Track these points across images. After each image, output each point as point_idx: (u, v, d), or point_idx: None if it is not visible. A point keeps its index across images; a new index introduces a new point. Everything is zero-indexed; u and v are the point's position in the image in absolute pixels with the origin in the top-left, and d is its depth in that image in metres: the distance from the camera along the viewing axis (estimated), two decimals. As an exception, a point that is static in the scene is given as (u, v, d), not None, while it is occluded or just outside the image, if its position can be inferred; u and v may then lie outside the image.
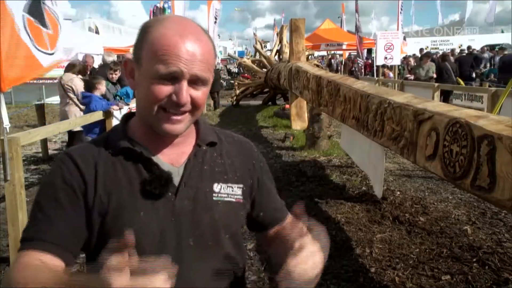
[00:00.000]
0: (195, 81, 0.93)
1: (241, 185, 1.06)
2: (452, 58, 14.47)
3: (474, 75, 14.39)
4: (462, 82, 12.08)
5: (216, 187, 1.02)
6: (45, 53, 3.51)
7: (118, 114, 5.49)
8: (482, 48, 18.76)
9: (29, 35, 3.33)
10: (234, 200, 1.04)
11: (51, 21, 3.68)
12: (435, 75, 11.87)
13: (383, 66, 15.76)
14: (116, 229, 0.92)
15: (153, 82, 0.91)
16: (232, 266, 1.04)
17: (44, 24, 3.56)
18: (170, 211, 0.96)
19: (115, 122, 5.41)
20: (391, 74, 15.46)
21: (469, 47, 18.71)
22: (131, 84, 1.01)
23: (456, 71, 12.68)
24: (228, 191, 1.03)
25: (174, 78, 0.91)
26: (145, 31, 0.95)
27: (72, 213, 0.93)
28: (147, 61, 0.92)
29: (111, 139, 1.01)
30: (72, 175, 0.95)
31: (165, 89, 0.92)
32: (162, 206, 0.96)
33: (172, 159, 1.01)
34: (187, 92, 0.92)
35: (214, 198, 1.01)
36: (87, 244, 0.96)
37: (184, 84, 0.92)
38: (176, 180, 0.98)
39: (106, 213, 0.93)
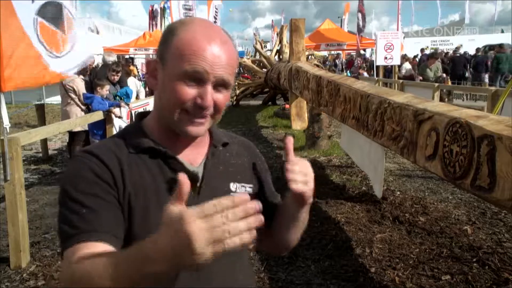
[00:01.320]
0: (219, 84, 0.94)
1: (251, 185, 1.09)
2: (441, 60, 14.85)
3: (467, 74, 14.87)
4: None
5: (232, 186, 1.05)
6: (55, 56, 3.51)
7: (117, 120, 5.48)
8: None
9: (38, 38, 3.33)
10: None
11: (68, 23, 3.69)
12: (444, 74, 11.72)
13: (358, 66, 15.95)
14: (142, 228, 0.92)
15: (178, 83, 0.92)
16: (246, 261, 1.09)
17: (60, 27, 3.57)
18: None
19: (113, 128, 5.41)
20: (366, 74, 15.50)
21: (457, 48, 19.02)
22: (152, 84, 1.01)
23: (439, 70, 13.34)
24: (242, 190, 1.06)
25: (199, 80, 0.92)
26: (171, 33, 0.96)
27: (111, 204, 0.91)
28: (173, 62, 0.93)
29: (128, 138, 1.01)
30: (101, 169, 0.93)
31: (190, 91, 0.92)
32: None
33: (191, 159, 1.02)
34: (211, 96, 0.93)
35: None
36: None
37: (209, 87, 0.93)
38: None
39: (133, 210, 0.93)
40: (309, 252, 3.45)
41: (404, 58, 13.97)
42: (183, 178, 0.70)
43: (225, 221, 0.66)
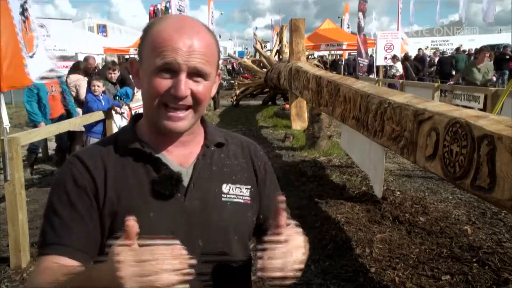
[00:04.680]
0: (194, 74, 0.93)
1: (248, 186, 1.05)
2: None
3: (454, 73, 15.67)
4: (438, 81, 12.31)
5: (225, 188, 1.02)
6: (29, 56, 3.49)
7: (117, 118, 5.49)
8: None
9: (20, 36, 3.32)
10: (242, 201, 1.03)
11: (30, 24, 3.67)
12: (494, 78, 9.40)
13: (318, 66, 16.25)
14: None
15: (153, 76, 0.92)
16: (240, 267, 1.03)
17: (27, 27, 3.55)
18: (180, 211, 0.95)
19: (114, 125, 5.41)
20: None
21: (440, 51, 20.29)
22: (137, 83, 1.01)
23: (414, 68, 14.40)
24: (236, 192, 1.03)
25: (172, 71, 0.91)
26: (146, 30, 0.96)
27: (86, 216, 0.93)
28: (147, 57, 0.93)
29: (120, 140, 1.01)
30: (83, 176, 0.94)
31: (163, 83, 0.91)
32: (172, 206, 0.95)
33: (181, 159, 1.00)
34: (185, 85, 0.91)
35: (223, 199, 1.00)
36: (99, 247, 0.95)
37: (183, 76, 0.91)
38: (185, 180, 0.98)
39: (116, 214, 0.93)
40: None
41: (395, 58, 13.82)
42: (130, 223, 0.72)
43: (158, 270, 0.68)
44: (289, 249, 0.82)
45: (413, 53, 20.98)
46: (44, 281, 0.85)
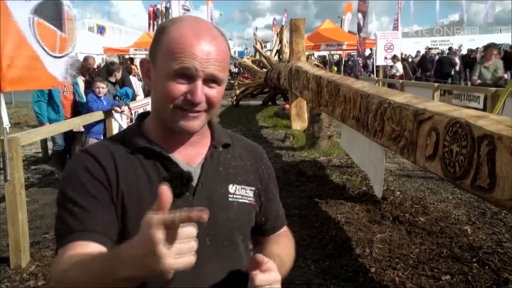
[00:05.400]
0: (210, 81, 0.94)
1: (253, 188, 1.07)
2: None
3: (452, 72, 16.06)
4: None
5: (231, 188, 1.03)
6: (53, 56, 3.48)
7: (118, 117, 5.49)
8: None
9: (36, 37, 3.31)
10: (247, 201, 1.05)
11: (68, 24, 3.67)
12: (506, 75, 8.99)
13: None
14: (136, 228, 0.92)
15: (168, 81, 0.92)
16: (244, 266, 1.04)
17: (58, 26, 3.54)
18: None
19: (115, 124, 5.41)
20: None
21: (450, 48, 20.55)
22: (147, 84, 1.01)
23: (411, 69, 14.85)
24: (242, 193, 1.04)
25: (189, 76, 0.92)
26: (161, 31, 0.96)
27: (105, 203, 0.92)
28: (162, 60, 0.93)
29: (127, 138, 1.01)
30: (96, 168, 0.94)
31: (180, 88, 0.92)
32: (181, 205, 0.94)
33: (188, 158, 1.01)
34: (202, 91, 0.93)
35: (229, 198, 1.02)
36: None
37: (199, 83, 0.92)
38: (194, 179, 0.99)
39: (127, 209, 0.93)
40: (309, 252, 3.45)
41: (395, 58, 13.79)
42: (163, 188, 0.69)
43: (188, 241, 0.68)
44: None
45: (412, 53, 21.06)
46: (70, 267, 0.82)
